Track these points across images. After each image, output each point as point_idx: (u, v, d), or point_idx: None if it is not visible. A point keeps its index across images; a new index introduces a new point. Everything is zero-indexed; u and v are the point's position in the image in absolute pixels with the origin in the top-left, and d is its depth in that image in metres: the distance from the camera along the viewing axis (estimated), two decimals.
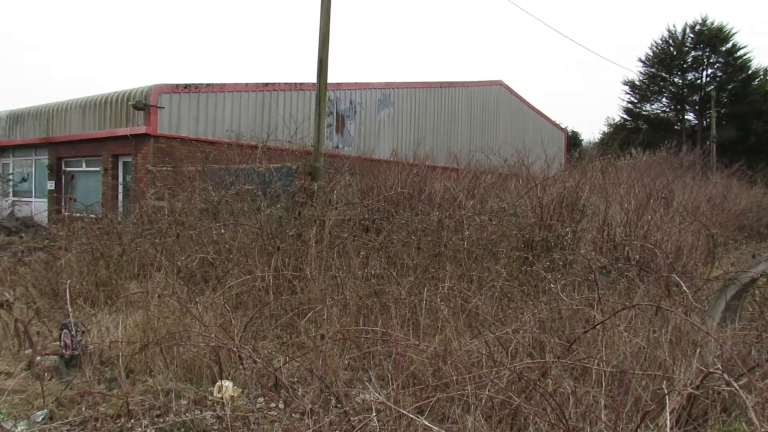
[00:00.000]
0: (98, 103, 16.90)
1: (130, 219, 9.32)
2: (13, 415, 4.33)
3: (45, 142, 18.96)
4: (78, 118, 17.61)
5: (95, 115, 17.01)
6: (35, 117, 19.41)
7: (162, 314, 5.62)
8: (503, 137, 27.37)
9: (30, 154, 20.53)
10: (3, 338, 5.94)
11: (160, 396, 4.60)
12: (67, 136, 17.97)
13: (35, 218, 17.71)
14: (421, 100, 24.26)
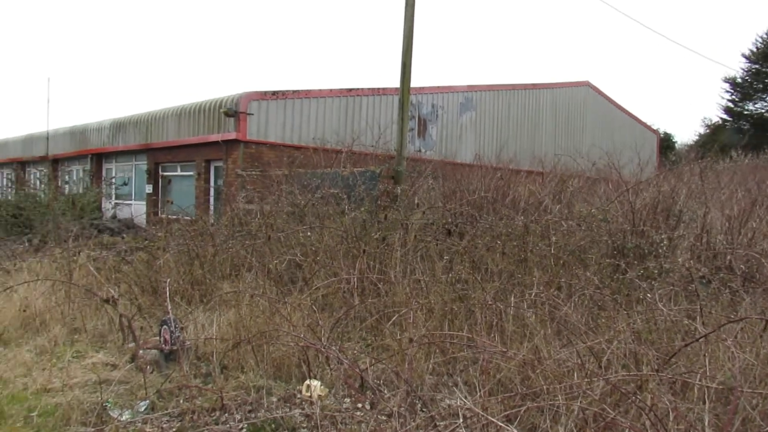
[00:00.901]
0: (192, 111, 17.79)
1: (222, 221, 9.73)
2: (119, 404, 4.62)
3: (144, 148, 20.17)
4: (174, 126, 18.61)
5: (189, 123, 17.91)
6: (135, 125, 20.69)
7: (253, 313, 5.82)
8: (591, 140, 26.46)
9: (130, 160, 21.90)
10: (109, 332, 6.35)
11: (252, 392, 4.76)
12: (164, 142, 19.03)
13: (135, 220, 18.86)
14: (504, 103, 23.88)
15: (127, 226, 16.85)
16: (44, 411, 4.51)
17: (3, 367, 5.49)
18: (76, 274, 7.66)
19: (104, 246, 9.24)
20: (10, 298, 7.10)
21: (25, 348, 5.93)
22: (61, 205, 15.58)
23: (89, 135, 23.53)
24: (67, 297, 6.96)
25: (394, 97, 19.25)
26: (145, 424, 4.32)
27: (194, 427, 4.30)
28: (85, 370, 5.26)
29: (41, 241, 11.29)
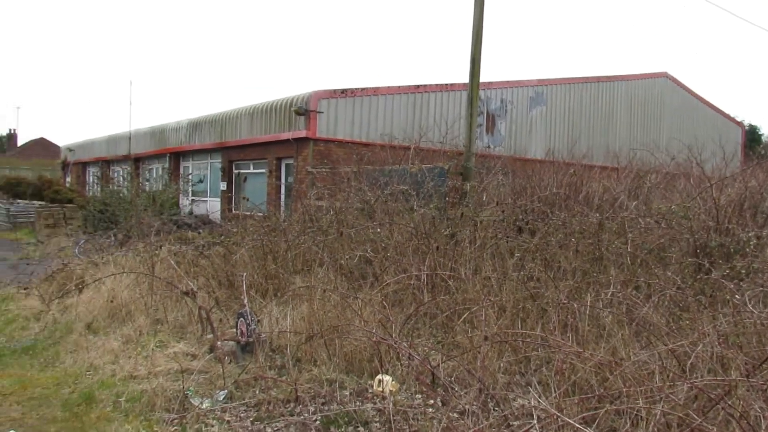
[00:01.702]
0: (264, 110, 18.26)
1: (293, 217, 9.95)
2: (199, 393, 4.81)
3: (219, 147, 20.88)
4: (247, 125, 19.17)
5: (262, 122, 18.39)
6: (211, 124, 21.44)
7: (325, 308, 5.92)
8: (669, 133, 25.34)
9: (206, 158, 22.74)
10: (188, 323, 6.62)
11: (324, 385, 4.85)
12: (238, 141, 19.63)
13: (210, 216, 19.54)
14: (576, 97, 23.20)
15: (203, 222, 17.49)
16: (131, 397, 4.76)
17: (93, 355, 5.84)
18: (158, 267, 8.03)
19: (183, 241, 9.64)
20: (99, 289, 7.53)
21: (113, 337, 6.27)
22: (142, 201, 16.38)
23: (168, 135, 24.59)
24: (150, 289, 7.31)
25: (461, 93, 19.09)
26: (224, 412, 4.48)
27: (270, 417, 4.43)
28: (168, 359, 5.51)
29: (125, 236, 11.89)
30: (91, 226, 15.87)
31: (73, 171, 36.15)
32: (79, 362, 5.74)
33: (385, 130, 17.20)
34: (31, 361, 6.01)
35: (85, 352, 5.92)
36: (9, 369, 5.75)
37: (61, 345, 6.32)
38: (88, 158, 33.24)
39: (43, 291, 8.17)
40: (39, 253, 13.77)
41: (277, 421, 4.36)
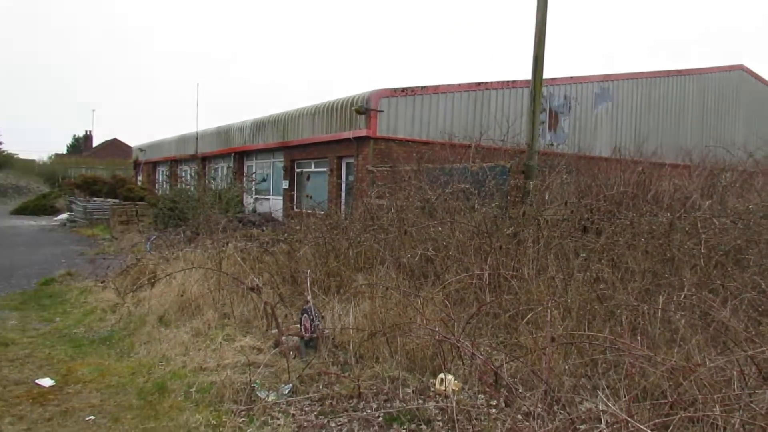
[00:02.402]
0: (325, 109, 18.50)
1: (354, 215, 10.04)
2: (265, 386, 4.94)
3: (281, 146, 21.32)
4: (308, 124, 19.48)
5: (323, 121, 18.65)
6: (274, 124, 21.91)
7: (386, 306, 5.95)
8: (745, 129, 24.11)
9: (269, 157, 23.26)
10: (254, 318, 6.80)
11: (387, 382, 4.88)
12: (299, 140, 19.98)
13: (273, 214, 20.00)
14: (644, 92, 22.38)
15: (266, 220, 17.92)
16: (201, 388, 4.93)
17: (165, 346, 6.08)
18: (225, 263, 8.28)
19: (248, 238, 9.90)
20: (170, 284, 7.83)
21: (183, 329, 6.51)
22: (209, 199, 16.92)
23: (233, 135, 25.30)
24: (217, 284, 7.54)
25: (523, 90, 18.77)
26: (289, 406, 4.58)
27: (333, 412, 4.49)
28: (235, 352, 5.67)
29: (193, 233, 12.32)
30: (162, 223, 16.53)
31: (144, 170, 37.75)
32: (152, 353, 6.00)
33: (445, 128, 17.13)
34: (108, 350, 6.32)
35: (158, 344, 6.18)
36: (88, 358, 6.06)
37: (135, 336, 6.61)
38: (158, 158, 34.61)
39: (119, 284, 8.57)
40: (113, 248, 14.47)
41: (340, 416, 4.42)
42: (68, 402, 4.85)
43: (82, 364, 5.81)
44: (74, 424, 4.40)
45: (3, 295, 9.27)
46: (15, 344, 6.53)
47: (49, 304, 8.58)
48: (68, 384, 5.28)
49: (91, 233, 18.83)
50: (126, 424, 4.39)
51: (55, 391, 5.12)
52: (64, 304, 8.53)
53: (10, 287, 9.95)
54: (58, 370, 5.64)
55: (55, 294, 9.21)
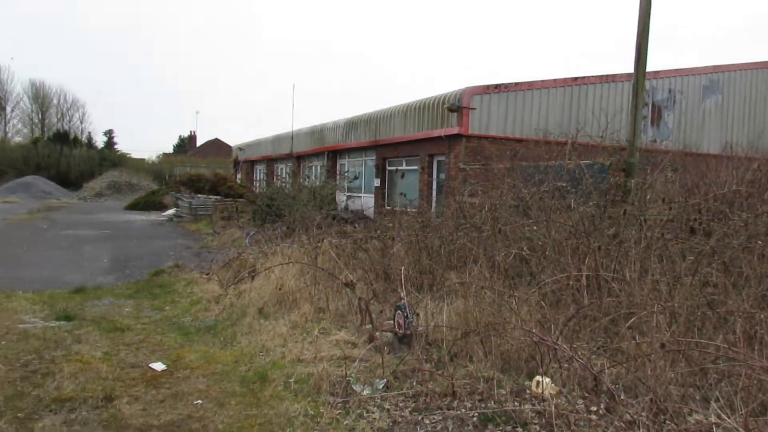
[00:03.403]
0: (417, 108, 18.56)
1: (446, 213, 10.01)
2: (360, 380, 5.03)
3: (373, 145, 21.62)
4: (400, 123, 19.63)
5: (414, 119, 18.73)
6: (366, 123, 22.26)
7: (480, 305, 5.90)
8: None
9: (361, 156, 23.65)
10: (348, 313, 6.95)
11: (481, 382, 4.84)
12: (391, 138, 20.17)
13: (365, 211, 20.32)
14: (759, 84, 20.76)
15: (358, 217, 18.22)
16: (299, 378, 5.10)
17: (265, 337, 6.34)
18: (320, 259, 8.52)
19: (343, 234, 10.13)
20: (269, 277, 8.16)
21: (281, 322, 6.76)
22: (304, 197, 17.45)
23: (326, 134, 25.94)
24: (313, 279, 7.77)
25: (623, 84, 17.96)
26: (383, 401, 4.65)
27: (427, 409, 4.52)
28: (331, 346, 5.83)
29: (289, 229, 12.75)
30: (260, 219, 17.23)
31: (243, 168, 39.51)
32: (252, 343, 6.27)
33: (539, 125, 16.72)
34: (213, 339, 6.68)
35: (258, 335, 6.46)
36: (195, 345, 6.44)
37: (237, 327, 6.95)
38: (256, 157, 36.10)
39: (221, 277, 9.03)
40: (216, 242, 15.25)
41: (434, 413, 4.43)
42: (178, 386, 5.17)
43: (189, 351, 6.17)
44: (184, 407, 4.68)
45: (119, 284, 10.03)
46: (130, 330, 7.05)
47: (160, 294, 9.19)
48: (178, 369, 5.63)
49: (195, 228, 19.96)
50: (230, 409, 4.62)
51: (167, 375, 5.47)
52: (173, 294, 9.10)
53: (125, 277, 10.75)
54: (169, 356, 6.03)
55: (164, 284, 9.85)
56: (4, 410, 4.57)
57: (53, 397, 4.78)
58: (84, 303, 8.43)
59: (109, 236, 17.71)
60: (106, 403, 4.70)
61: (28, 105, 66.46)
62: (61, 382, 5.09)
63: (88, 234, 18.27)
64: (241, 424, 4.32)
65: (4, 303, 8.21)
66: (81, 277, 10.56)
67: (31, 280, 10.15)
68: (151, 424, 4.33)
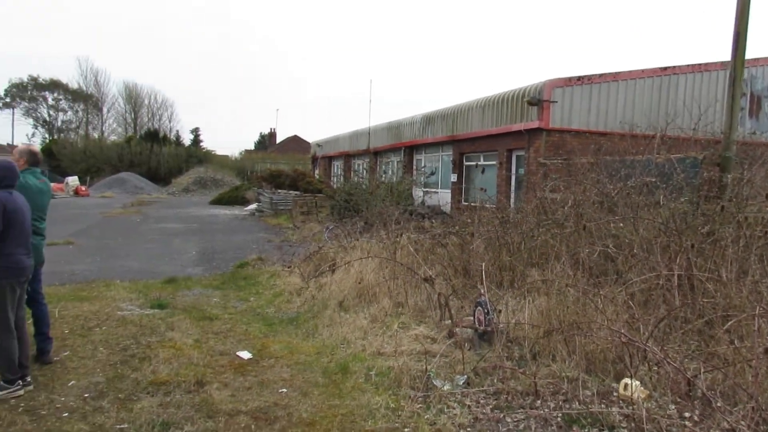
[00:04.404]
0: (495, 102, 18.27)
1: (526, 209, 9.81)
2: (440, 375, 5.03)
3: (450, 140, 21.47)
4: (478, 117, 19.39)
5: (492, 114, 18.45)
6: (443, 118, 22.14)
7: (563, 303, 5.75)
8: None
9: (437, 151, 23.56)
10: (427, 308, 6.95)
11: (564, 382, 4.72)
12: (468, 133, 19.97)
13: (442, 207, 20.24)
14: None
15: (435, 213, 18.18)
16: (380, 372, 5.16)
17: (345, 330, 6.45)
18: (399, 253, 8.56)
19: (421, 230, 10.14)
20: (348, 271, 8.29)
21: (361, 315, 6.86)
22: (381, 192, 17.60)
23: (403, 129, 26.01)
24: (392, 274, 7.82)
25: (718, 73, 16.96)
26: (464, 397, 4.62)
27: (509, 407, 4.45)
28: (410, 340, 5.85)
29: (366, 224, 12.90)
30: (338, 214, 17.53)
31: (321, 164, 40.29)
32: (334, 335, 6.40)
33: (625, 117, 16.06)
34: (296, 330, 6.87)
35: (339, 327, 6.58)
36: (279, 336, 6.64)
37: (318, 319, 7.11)
38: (334, 153, 36.72)
39: (303, 270, 9.26)
40: (296, 236, 15.66)
41: (516, 412, 4.37)
42: (264, 374, 5.35)
43: (273, 341, 6.37)
44: (270, 394, 4.84)
45: (207, 276, 10.49)
46: (218, 319, 7.36)
47: (244, 285, 9.54)
48: (263, 358, 5.83)
49: (275, 222, 20.56)
50: (314, 399, 4.74)
51: (253, 363, 5.68)
52: (257, 285, 9.42)
53: (212, 269, 11.23)
54: (254, 345, 6.25)
55: (248, 276, 10.21)
56: (107, 391, 4.89)
57: (150, 381, 5.07)
58: (175, 293, 8.88)
59: (197, 230, 18.56)
60: (198, 388, 4.94)
61: (122, 105, 70.93)
62: (157, 367, 5.40)
63: (177, 227, 19.22)
64: (324, 414, 4.42)
65: (104, 291, 8.78)
66: (172, 268, 11.13)
67: (127, 271, 10.80)
68: (239, 409, 4.50)
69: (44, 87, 68.48)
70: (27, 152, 5.57)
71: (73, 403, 4.64)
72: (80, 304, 7.82)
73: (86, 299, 8.19)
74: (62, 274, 10.13)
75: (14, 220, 4.74)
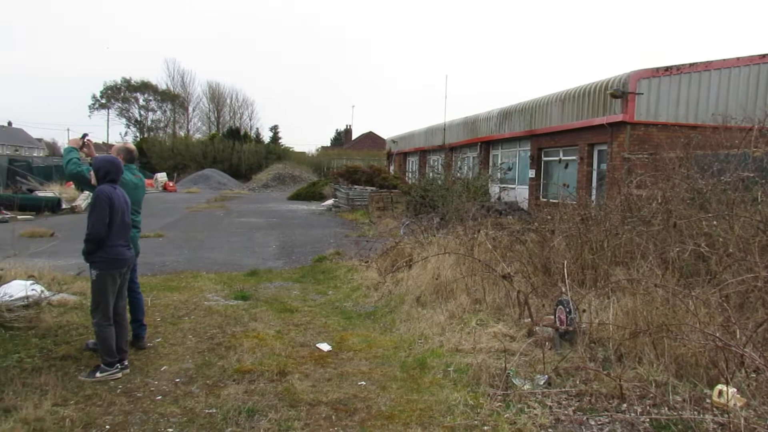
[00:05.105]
0: (576, 95, 17.71)
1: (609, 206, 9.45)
2: (519, 374, 4.94)
3: (527, 135, 21.03)
4: (557, 111, 18.87)
5: (573, 107, 17.90)
6: (520, 113, 21.70)
7: (651, 304, 5.51)
8: None
9: (515, 146, 23.13)
10: (505, 305, 6.84)
11: (652, 386, 4.52)
12: (547, 128, 19.47)
13: (519, 203, 19.85)
14: None
15: (512, 209, 17.85)
16: (458, 368, 5.13)
17: (423, 325, 6.46)
18: (476, 250, 8.47)
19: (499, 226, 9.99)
20: (425, 267, 8.29)
21: (438, 311, 6.84)
22: (457, 188, 17.47)
23: (479, 124, 25.70)
24: (469, 270, 7.75)
25: None
26: (545, 397, 4.52)
27: (593, 410, 4.32)
28: (489, 338, 5.79)
29: (442, 220, 12.84)
30: (413, 209, 17.56)
31: (396, 160, 40.47)
32: (411, 330, 6.42)
33: (718, 109, 15.15)
34: (373, 324, 6.94)
35: (416, 323, 6.60)
36: (357, 329, 6.74)
37: (395, 313, 7.15)
38: (409, 148, 36.79)
39: (379, 265, 9.34)
40: (372, 232, 15.81)
41: (600, 415, 4.23)
42: (343, 366, 5.45)
43: (351, 335, 6.47)
44: (349, 386, 4.92)
45: (287, 269, 10.79)
46: (298, 311, 7.55)
47: (323, 279, 9.74)
48: (342, 350, 5.94)
49: (352, 217, 20.85)
50: (392, 393, 4.77)
51: (332, 355, 5.79)
52: (335, 279, 9.60)
53: (291, 262, 11.54)
54: (333, 338, 6.37)
55: (326, 270, 10.42)
56: (196, 377, 5.13)
57: (235, 368, 5.28)
58: (257, 285, 9.19)
59: (276, 224, 19.11)
60: (280, 377, 5.09)
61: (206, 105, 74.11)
62: (242, 356, 5.61)
63: (258, 222, 19.87)
64: (403, 408, 4.44)
65: (191, 282, 9.21)
66: (254, 261, 11.53)
67: (213, 262, 11.27)
68: (320, 400, 4.61)
69: (136, 88, 72.55)
70: (124, 150, 5.92)
71: (166, 387, 4.90)
72: (170, 294, 8.25)
73: (176, 289, 8.62)
74: (153, 265, 10.70)
75: (116, 213, 5.05)
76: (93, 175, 5.20)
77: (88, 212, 5.07)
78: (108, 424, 4.15)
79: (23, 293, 6.75)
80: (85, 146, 5.72)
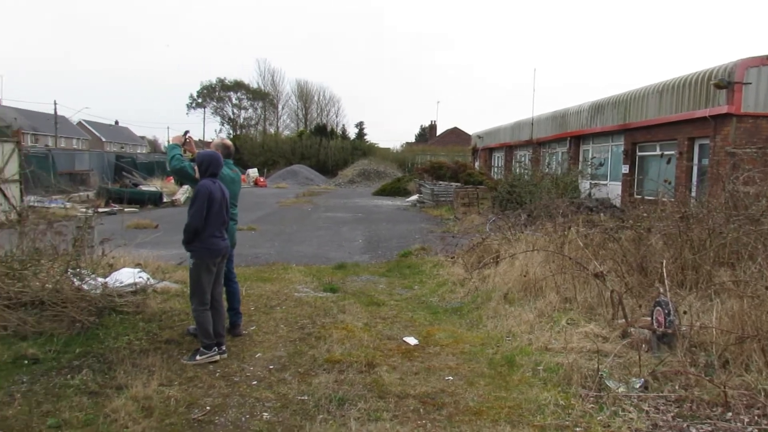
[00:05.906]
0: (675, 86, 16.77)
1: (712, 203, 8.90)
2: (613, 376, 4.77)
3: (621, 129, 20.13)
4: (654, 104, 17.94)
5: (672, 99, 16.96)
6: (614, 106, 20.81)
7: (761, 307, 5.15)
8: None
9: (607, 141, 22.22)
10: (597, 305, 6.61)
11: (761, 396, 4.24)
12: (643, 121, 18.56)
13: (611, 200, 19.06)
14: None
15: (604, 206, 17.17)
16: (548, 367, 5.03)
17: (511, 323, 6.37)
18: (566, 248, 8.24)
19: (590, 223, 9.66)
20: (512, 264, 8.16)
21: (527, 308, 6.72)
22: (546, 184, 17.03)
23: (569, 119, 24.90)
24: (559, 268, 7.55)
25: None
26: (641, 401, 4.35)
27: (693, 417, 4.11)
28: (580, 337, 5.62)
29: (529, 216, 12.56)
30: (500, 206, 17.29)
31: (481, 156, 39.99)
32: (498, 327, 6.35)
33: None
34: (459, 320, 6.92)
35: (503, 320, 6.51)
36: (443, 325, 6.74)
37: (482, 310, 7.09)
38: (494, 144, 36.24)
39: (466, 261, 9.29)
40: (457, 228, 15.72)
41: (703, 423, 4.02)
42: (430, 361, 5.48)
43: (438, 330, 6.48)
44: (436, 381, 4.94)
45: (373, 263, 10.95)
46: (385, 305, 7.65)
47: (408, 274, 9.80)
48: (428, 345, 5.96)
49: (437, 213, 20.81)
50: (480, 389, 4.75)
51: (419, 349, 5.83)
52: (420, 274, 9.63)
53: (377, 257, 11.69)
54: (420, 332, 6.41)
55: (412, 265, 10.47)
56: (288, 365, 5.32)
57: (325, 358, 5.43)
58: (345, 278, 9.38)
59: (362, 219, 19.41)
60: (369, 369, 5.18)
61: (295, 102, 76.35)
62: (331, 346, 5.76)
63: (344, 216, 20.26)
64: (491, 405, 4.41)
65: (282, 274, 9.54)
66: (341, 255, 11.77)
67: (302, 255, 11.62)
68: (407, 393, 4.65)
69: (229, 88, 75.76)
70: (221, 146, 6.22)
71: (260, 373, 5.12)
72: (263, 285, 8.59)
73: (268, 280, 8.96)
74: (247, 256, 11.17)
75: (213, 206, 5.33)
76: (196, 169, 5.50)
77: (188, 205, 5.38)
78: (209, 405, 4.40)
79: (131, 280, 7.25)
80: (186, 143, 6.07)
